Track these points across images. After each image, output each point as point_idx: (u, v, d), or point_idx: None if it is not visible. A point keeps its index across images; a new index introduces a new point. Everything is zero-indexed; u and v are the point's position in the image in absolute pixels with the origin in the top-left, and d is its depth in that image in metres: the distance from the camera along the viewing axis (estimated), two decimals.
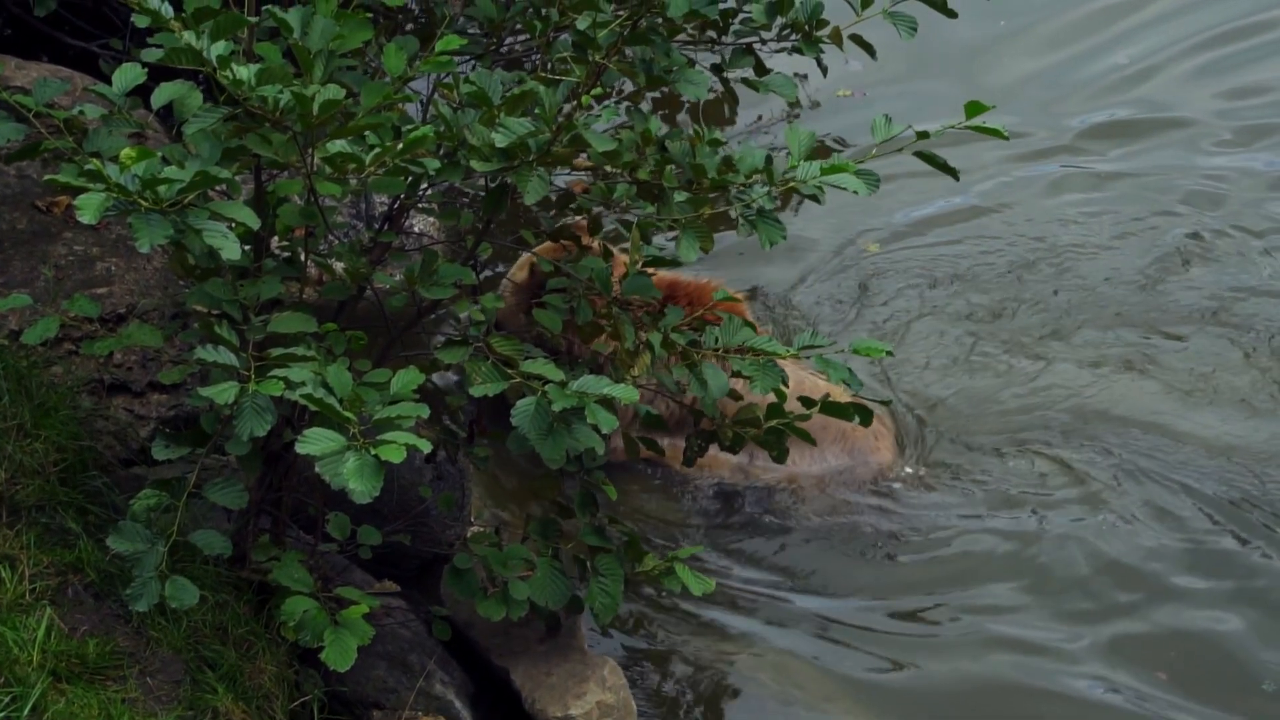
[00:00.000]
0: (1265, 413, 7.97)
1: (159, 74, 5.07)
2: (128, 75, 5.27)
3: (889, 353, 5.37)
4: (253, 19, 4.91)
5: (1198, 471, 7.62)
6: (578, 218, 6.04)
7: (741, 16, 5.93)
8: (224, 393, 4.68)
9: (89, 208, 4.46)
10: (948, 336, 8.44)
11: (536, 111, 5.05)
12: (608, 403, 4.85)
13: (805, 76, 8.35)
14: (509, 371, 5.12)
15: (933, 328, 8.51)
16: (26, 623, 5.06)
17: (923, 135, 5.34)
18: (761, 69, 5.96)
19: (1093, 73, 10.53)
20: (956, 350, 8.34)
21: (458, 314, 5.64)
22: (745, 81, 5.94)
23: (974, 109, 5.26)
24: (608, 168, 5.26)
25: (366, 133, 4.86)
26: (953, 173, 5.54)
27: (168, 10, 4.69)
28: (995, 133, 5.35)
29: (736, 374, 5.46)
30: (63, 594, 5.28)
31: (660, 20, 5.17)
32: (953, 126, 5.32)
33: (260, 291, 5.16)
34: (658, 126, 5.33)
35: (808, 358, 5.34)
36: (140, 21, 4.74)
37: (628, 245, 5.58)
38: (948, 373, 8.20)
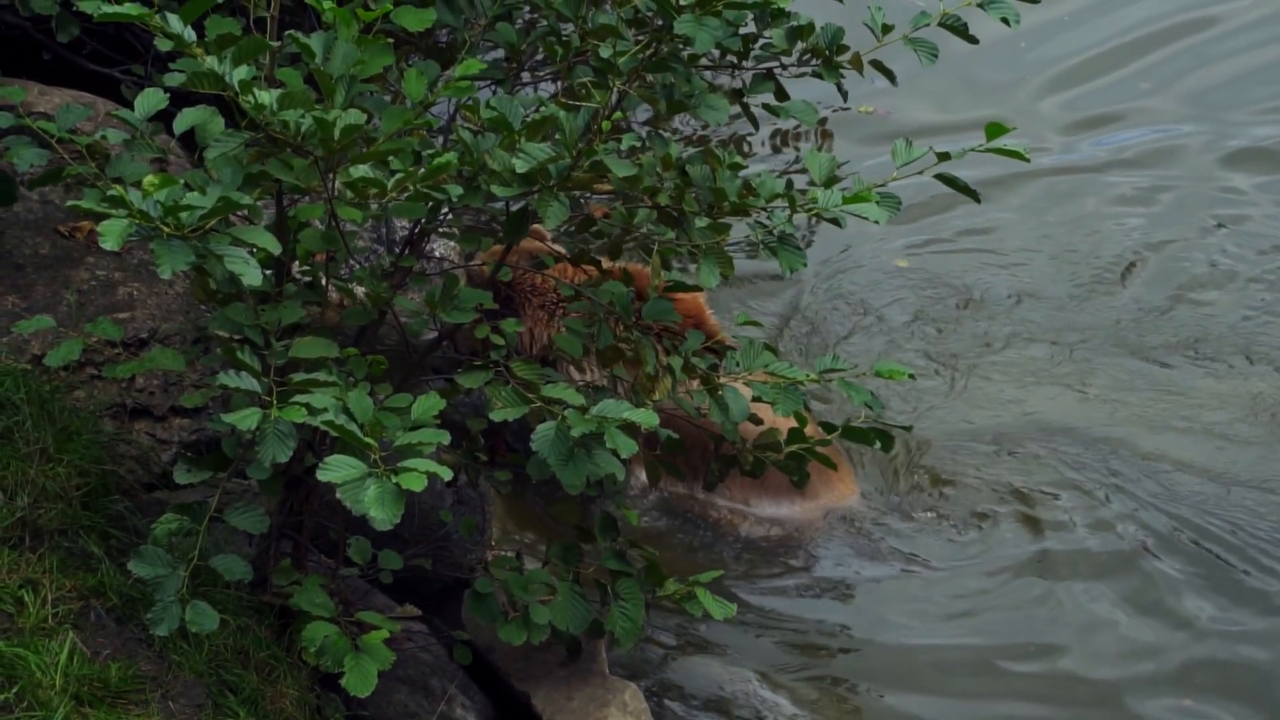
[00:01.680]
0: (1248, 437, 7.93)
1: (180, 99, 5.09)
2: (150, 101, 5.31)
3: (911, 376, 5.36)
4: (274, 44, 4.92)
5: (1186, 496, 7.58)
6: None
7: (762, 42, 5.92)
8: (246, 419, 4.69)
9: (111, 234, 4.47)
10: (924, 356, 8.40)
11: (557, 137, 5.06)
12: (628, 428, 4.85)
13: None
14: (529, 396, 5.12)
15: (912, 346, 8.48)
16: (49, 646, 5.07)
17: (943, 157, 5.33)
18: (782, 94, 5.97)
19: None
20: (933, 372, 8.29)
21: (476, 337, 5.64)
22: (766, 107, 5.95)
23: (994, 130, 5.25)
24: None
25: (389, 158, 4.87)
26: (974, 195, 5.53)
27: (190, 35, 4.71)
28: (1016, 154, 5.35)
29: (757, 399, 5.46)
30: (85, 618, 5.29)
31: (682, 47, 5.18)
32: (974, 149, 5.32)
33: (281, 316, 5.17)
34: (678, 151, 5.34)
35: (829, 381, 5.35)
36: (163, 46, 4.76)
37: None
38: (927, 397, 8.14)
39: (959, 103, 10.21)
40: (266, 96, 4.67)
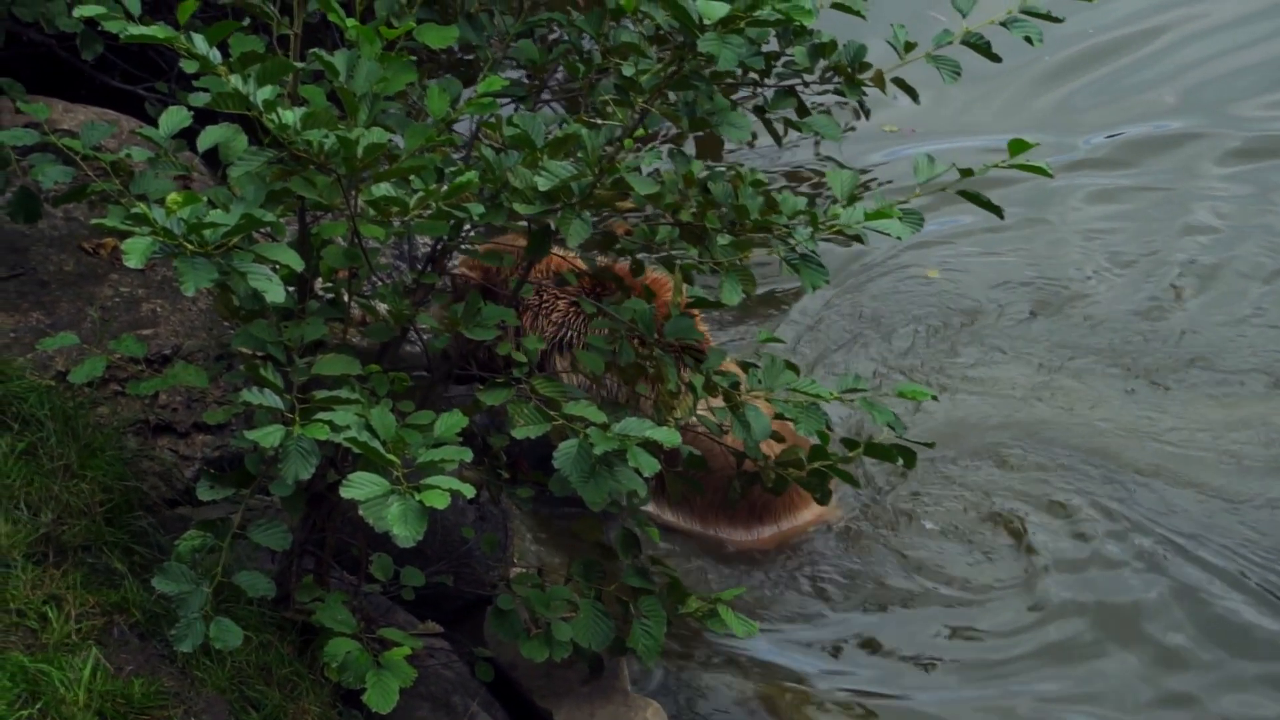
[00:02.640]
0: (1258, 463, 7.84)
1: (204, 116, 5.12)
2: (174, 118, 5.32)
3: (934, 397, 5.35)
4: (299, 64, 4.94)
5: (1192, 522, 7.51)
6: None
7: (784, 59, 5.92)
8: (269, 436, 4.70)
9: (135, 252, 4.49)
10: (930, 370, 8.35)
11: (579, 154, 5.07)
12: (649, 446, 4.86)
13: None
14: (551, 414, 5.13)
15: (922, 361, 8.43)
16: (72, 662, 5.08)
17: (966, 173, 5.34)
18: (804, 110, 5.97)
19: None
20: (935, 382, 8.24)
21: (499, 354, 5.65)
22: (788, 122, 5.94)
23: (1017, 146, 5.26)
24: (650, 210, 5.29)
25: (411, 175, 4.89)
26: (997, 211, 5.53)
27: (215, 56, 4.73)
28: (1039, 170, 5.35)
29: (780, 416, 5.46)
30: (108, 634, 5.30)
31: (704, 64, 5.19)
32: (997, 165, 5.32)
33: (304, 333, 5.18)
34: (699, 168, 5.34)
35: (851, 400, 5.35)
36: (188, 67, 4.78)
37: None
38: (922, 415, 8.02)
39: (957, 94, 10.15)
40: (290, 116, 4.69)
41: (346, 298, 5.46)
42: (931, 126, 9.86)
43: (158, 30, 4.67)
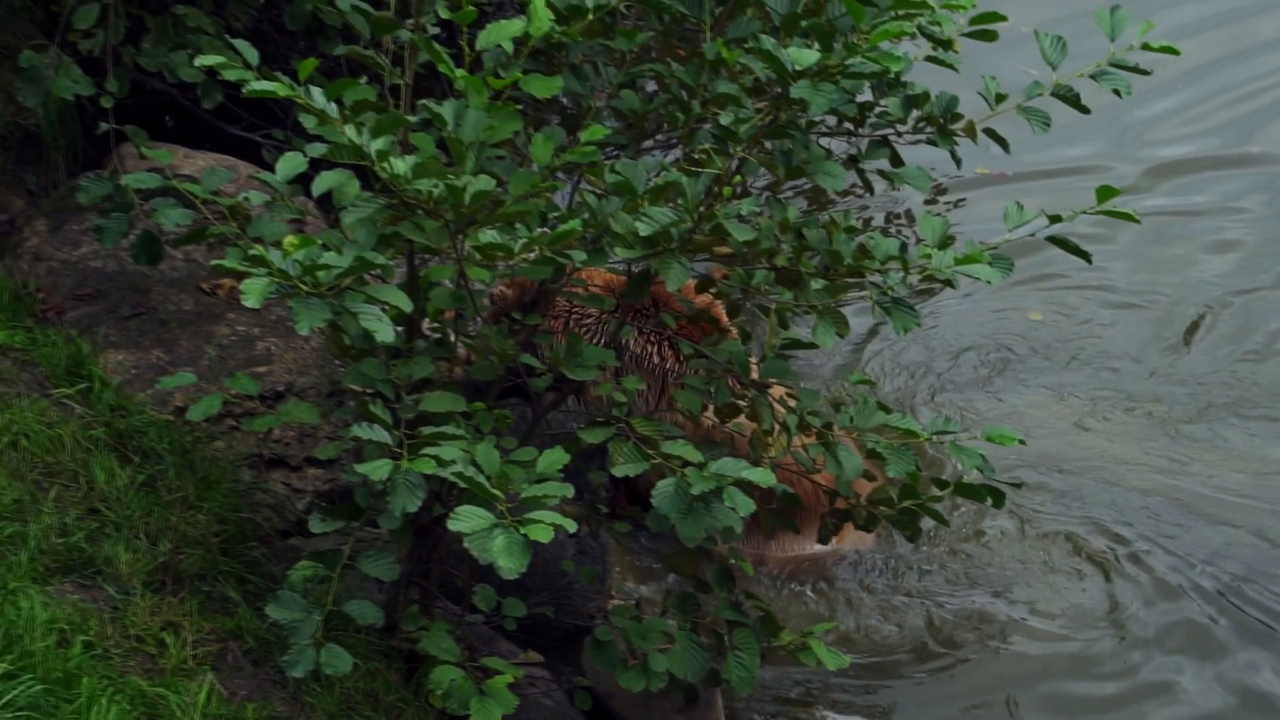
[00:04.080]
0: None
1: (318, 161, 5.26)
2: (290, 164, 5.40)
3: (1022, 441, 5.40)
4: (411, 119, 5.09)
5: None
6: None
7: (878, 110, 6.00)
8: (378, 470, 4.85)
9: (253, 292, 4.65)
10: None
11: (679, 201, 5.20)
12: (745, 485, 4.98)
13: None
14: (649, 453, 5.25)
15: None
16: (189, 687, 5.23)
17: (1054, 219, 5.43)
18: (897, 160, 6.05)
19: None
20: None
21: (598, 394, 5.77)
22: (880, 173, 6.03)
23: (1105, 193, 5.34)
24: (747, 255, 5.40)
25: (516, 223, 5.02)
26: (1085, 256, 5.61)
27: (332, 110, 4.89)
28: (1127, 216, 5.43)
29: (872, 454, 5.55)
30: (223, 660, 5.44)
31: (800, 114, 5.30)
32: (1085, 211, 5.40)
33: (412, 371, 5.32)
34: (795, 214, 5.46)
35: (941, 443, 5.43)
36: (307, 122, 4.93)
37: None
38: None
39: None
40: (401, 166, 4.82)
41: (453, 337, 5.61)
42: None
43: (279, 86, 4.83)
